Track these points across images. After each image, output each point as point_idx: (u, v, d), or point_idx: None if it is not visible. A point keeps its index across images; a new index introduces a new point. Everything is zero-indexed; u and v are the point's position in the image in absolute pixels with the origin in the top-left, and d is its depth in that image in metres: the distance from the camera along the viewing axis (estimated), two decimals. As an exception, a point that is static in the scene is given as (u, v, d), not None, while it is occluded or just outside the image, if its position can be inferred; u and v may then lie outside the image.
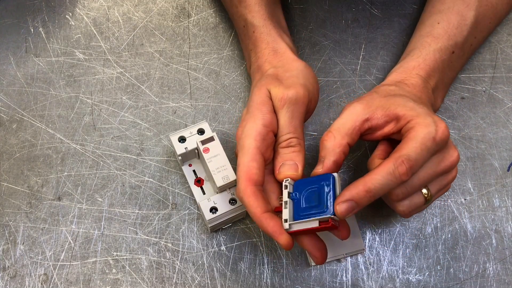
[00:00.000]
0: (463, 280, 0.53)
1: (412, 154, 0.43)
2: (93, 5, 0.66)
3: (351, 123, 0.47)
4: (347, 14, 0.66)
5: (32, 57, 0.63)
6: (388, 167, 0.43)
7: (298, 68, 0.53)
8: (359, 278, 0.53)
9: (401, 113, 0.46)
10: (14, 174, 0.57)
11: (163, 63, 0.63)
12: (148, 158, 0.58)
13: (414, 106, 0.47)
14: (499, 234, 0.55)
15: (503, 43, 0.64)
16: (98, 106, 0.61)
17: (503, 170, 0.58)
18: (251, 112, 0.49)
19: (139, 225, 0.55)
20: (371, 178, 0.43)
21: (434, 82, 0.54)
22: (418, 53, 0.55)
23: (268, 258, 0.54)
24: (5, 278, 0.53)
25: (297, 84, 0.50)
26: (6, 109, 0.61)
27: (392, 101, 0.48)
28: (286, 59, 0.54)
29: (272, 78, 0.52)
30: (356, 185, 0.43)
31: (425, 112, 0.46)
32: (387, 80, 0.54)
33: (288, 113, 0.49)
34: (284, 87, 0.50)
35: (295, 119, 0.49)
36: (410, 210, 0.47)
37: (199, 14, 0.66)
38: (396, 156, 0.43)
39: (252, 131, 0.48)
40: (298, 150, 0.49)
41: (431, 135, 0.44)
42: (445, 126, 0.45)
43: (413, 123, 0.45)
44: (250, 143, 0.47)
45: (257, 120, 0.48)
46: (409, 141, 0.44)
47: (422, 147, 0.43)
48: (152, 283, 0.53)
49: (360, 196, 0.43)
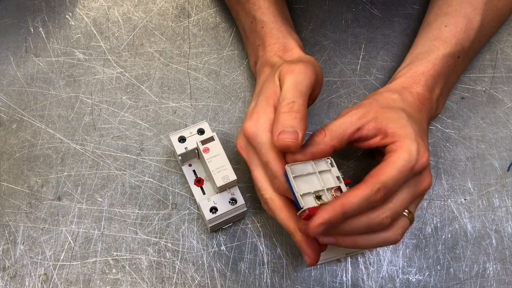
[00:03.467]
0: (463, 280, 0.53)
1: (389, 182, 0.44)
2: (93, 5, 0.66)
3: (343, 128, 0.48)
4: (347, 14, 0.66)
5: (32, 57, 0.63)
6: (365, 193, 0.43)
7: (306, 57, 0.53)
8: (359, 278, 0.53)
9: (390, 130, 0.47)
10: (14, 174, 0.57)
11: (163, 63, 0.63)
12: (148, 158, 0.58)
13: (405, 124, 0.47)
14: (499, 234, 0.55)
15: (503, 43, 0.64)
16: (98, 106, 0.61)
17: (503, 170, 0.58)
18: (261, 106, 0.49)
19: (139, 225, 0.55)
20: (349, 202, 0.43)
21: (439, 89, 0.54)
22: (427, 57, 0.54)
23: (268, 258, 0.54)
24: (5, 278, 0.53)
25: (304, 59, 0.50)
26: (6, 109, 0.61)
27: (387, 115, 0.48)
28: (295, 55, 0.54)
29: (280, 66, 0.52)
30: (334, 207, 0.43)
31: (413, 134, 0.47)
32: (393, 84, 0.54)
33: (292, 79, 0.48)
34: (290, 63, 0.49)
35: (301, 85, 0.48)
36: (402, 234, 0.48)
37: (199, 14, 0.66)
38: (374, 181, 0.44)
39: (267, 125, 0.47)
40: (300, 118, 0.46)
41: (411, 164, 0.45)
42: (426, 157, 0.46)
43: (397, 145, 0.46)
44: (269, 137, 0.47)
45: (269, 113, 0.48)
46: (389, 166, 0.44)
47: (399, 176, 0.44)
48: (152, 283, 0.53)
49: (337, 218, 0.43)
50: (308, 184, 0.46)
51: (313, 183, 0.46)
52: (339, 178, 0.46)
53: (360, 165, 0.58)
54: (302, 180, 0.46)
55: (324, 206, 0.44)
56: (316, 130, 0.59)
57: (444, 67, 0.54)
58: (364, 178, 0.45)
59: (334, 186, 0.46)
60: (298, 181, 0.46)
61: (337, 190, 0.46)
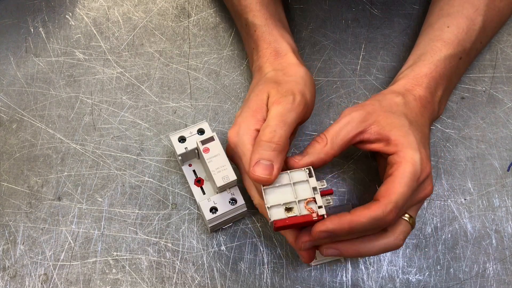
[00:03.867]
0: (463, 280, 0.53)
1: (399, 201, 0.45)
2: (93, 5, 0.66)
3: (345, 133, 0.48)
4: (347, 14, 0.66)
5: (32, 57, 0.63)
6: (377, 214, 0.44)
7: (298, 74, 0.52)
8: (359, 278, 0.53)
9: (393, 137, 0.48)
10: (14, 174, 0.57)
11: (163, 63, 0.63)
12: (148, 158, 0.58)
13: (408, 131, 0.48)
14: (499, 234, 0.55)
15: (503, 43, 0.64)
16: (98, 106, 0.61)
17: (503, 170, 0.58)
18: (244, 117, 0.49)
19: (139, 225, 0.55)
20: (358, 220, 0.44)
21: (441, 91, 0.54)
22: (429, 58, 0.54)
23: (268, 258, 0.54)
24: (5, 278, 0.53)
25: (296, 91, 0.50)
26: (6, 109, 0.61)
27: (390, 120, 0.49)
28: (287, 62, 0.54)
29: (271, 82, 0.52)
30: (341, 221, 0.44)
31: (416, 143, 0.47)
32: (396, 85, 0.54)
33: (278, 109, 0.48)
34: (281, 92, 0.49)
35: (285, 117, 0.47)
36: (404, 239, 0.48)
37: (199, 14, 0.66)
38: (386, 202, 0.44)
39: (247, 137, 0.48)
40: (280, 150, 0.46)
41: (416, 176, 0.46)
42: (429, 167, 0.47)
43: (401, 156, 0.46)
44: (249, 149, 0.48)
45: (250, 125, 0.49)
46: (397, 182, 0.45)
47: (408, 191, 0.45)
48: (152, 283, 0.53)
49: (341, 232, 0.44)
50: (280, 195, 0.46)
51: (285, 194, 0.46)
52: (316, 189, 0.46)
53: (360, 165, 0.58)
54: (274, 191, 0.47)
55: (332, 217, 0.45)
56: (316, 129, 0.60)
57: (446, 68, 0.54)
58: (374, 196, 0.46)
59: (309, 197, 0.46)
60: (270, 193, 0.46)
61: (312, 201, 0.46)
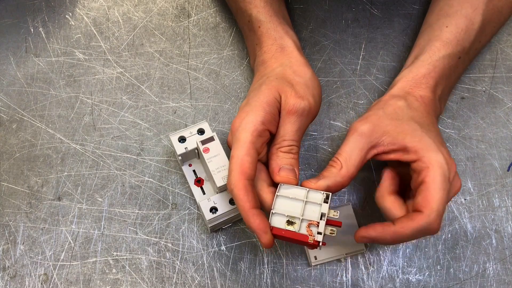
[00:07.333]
0: (463, 280, 0.53)
1: (440, 207, 0.45)
2: (93, 5, 0.66)
3: (357, 152, 0.49)
4: (347, 14, 0.66)
5: (32, 57, 0.63)
6: (421, 225, 0.45)
7: (307, 76, 0.53)
8: (359, 278, 0.53)
9: (410, 144, 0.48)
10: (14, 174, 0.57)
11: (163, 63, 0.63)
12: (148, 158, 0.58)
13: (422, 135, 0.48)
14: (499, 234, 0.55)
15: (503, 43, 0.64)
16: (98, 106, 0.61)
17: (503, 170, 0.58)
18: (253, 106, 0.49)
19: (139, 225, 0.55)
20: (402, 233, 0.46)
21: (441, 90, 0.54)
22: (428, 59, 0.54)
23: (268, 258, 0.54)
24: (5, 278, 0.53)
25: (309, 95, 0.51)
26: (6, 109, 0.61)
27: (400, 129, 0.49)
28: (294, 58, 0.54)
29: (283, 80, 0.51)
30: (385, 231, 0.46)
31: (434, 145, 0.47)
32: (395, 88, 0.54)
33: (296, 123, 0.50)
34: (297, 97, 0.50)
35: (301, 129, 0.51)
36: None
37: (199, 14, 0.66)
38: (429, 212, 0.45)
39: (250, 126, 0.48)
40: (296, 158, 0.50)
41: (447, 177, 0.46)
42: (454, 164, 0.48)
43: (425, 162, 0.47)
44: (246, 136, 0.47)
45: (257, 116, 0.48)
46: (432, 189, 0.46)
47: (444, 194, 0.46)
48: (152, 283, 0.53)
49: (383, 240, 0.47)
50: (288, 207, 0.47)
51: (294, 208, 0.47)
52: (324, 216, 0.46)
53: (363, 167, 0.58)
54: (285, 201, 0.47)
55: (376, 225, 0.46)
56: (316, 129, 0.60)
57: (445, 68, 0.54)
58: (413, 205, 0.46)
59: (314, 220, 0.46)
60: (281, 201, 0.47)
61: (314, 225, 0.46)
